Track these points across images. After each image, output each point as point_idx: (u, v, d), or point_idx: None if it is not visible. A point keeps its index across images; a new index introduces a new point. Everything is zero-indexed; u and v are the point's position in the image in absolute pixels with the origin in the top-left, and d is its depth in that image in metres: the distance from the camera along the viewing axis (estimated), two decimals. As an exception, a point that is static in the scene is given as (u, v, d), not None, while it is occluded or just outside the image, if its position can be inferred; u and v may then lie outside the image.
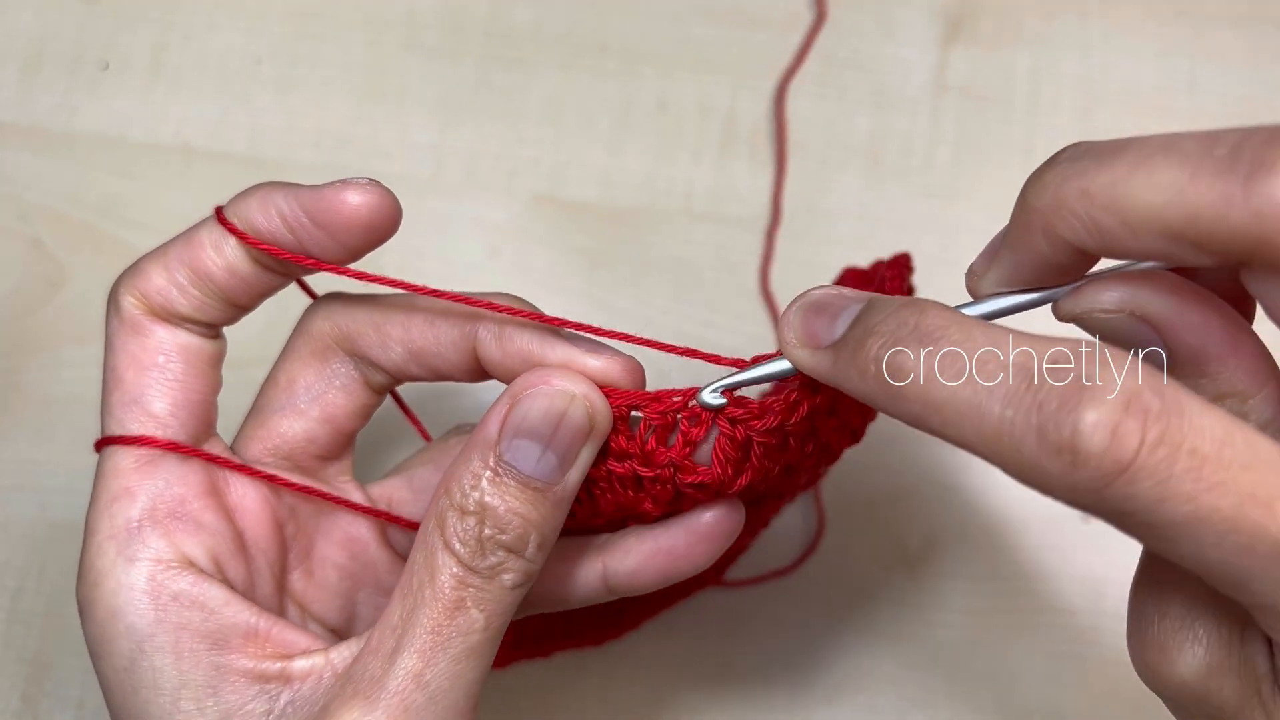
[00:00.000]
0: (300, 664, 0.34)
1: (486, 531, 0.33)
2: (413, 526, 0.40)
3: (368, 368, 0.39)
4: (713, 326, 0.57)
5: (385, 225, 0.35)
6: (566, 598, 0.39)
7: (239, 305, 0.37)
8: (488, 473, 0.33)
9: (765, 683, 0.54)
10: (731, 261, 0.59)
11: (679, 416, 0.35)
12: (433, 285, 0.40)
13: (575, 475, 0.34)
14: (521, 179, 0.60)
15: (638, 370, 0.37)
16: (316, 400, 0.39)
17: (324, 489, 0.40)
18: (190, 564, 0.35)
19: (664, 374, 0.48)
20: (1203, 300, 0.29)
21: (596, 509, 0.37)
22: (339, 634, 0.40)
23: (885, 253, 0.48)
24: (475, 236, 0.59)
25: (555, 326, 0.36)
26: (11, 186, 0.60)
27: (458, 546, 0.33)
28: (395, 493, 0.42)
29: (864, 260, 0.50)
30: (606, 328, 0.36)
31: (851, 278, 0.46)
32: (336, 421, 0.39)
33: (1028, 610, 0.54)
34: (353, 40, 0.62)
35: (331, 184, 0.35)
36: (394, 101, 0.61)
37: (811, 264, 0.58)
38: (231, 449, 0.39)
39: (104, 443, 0.37)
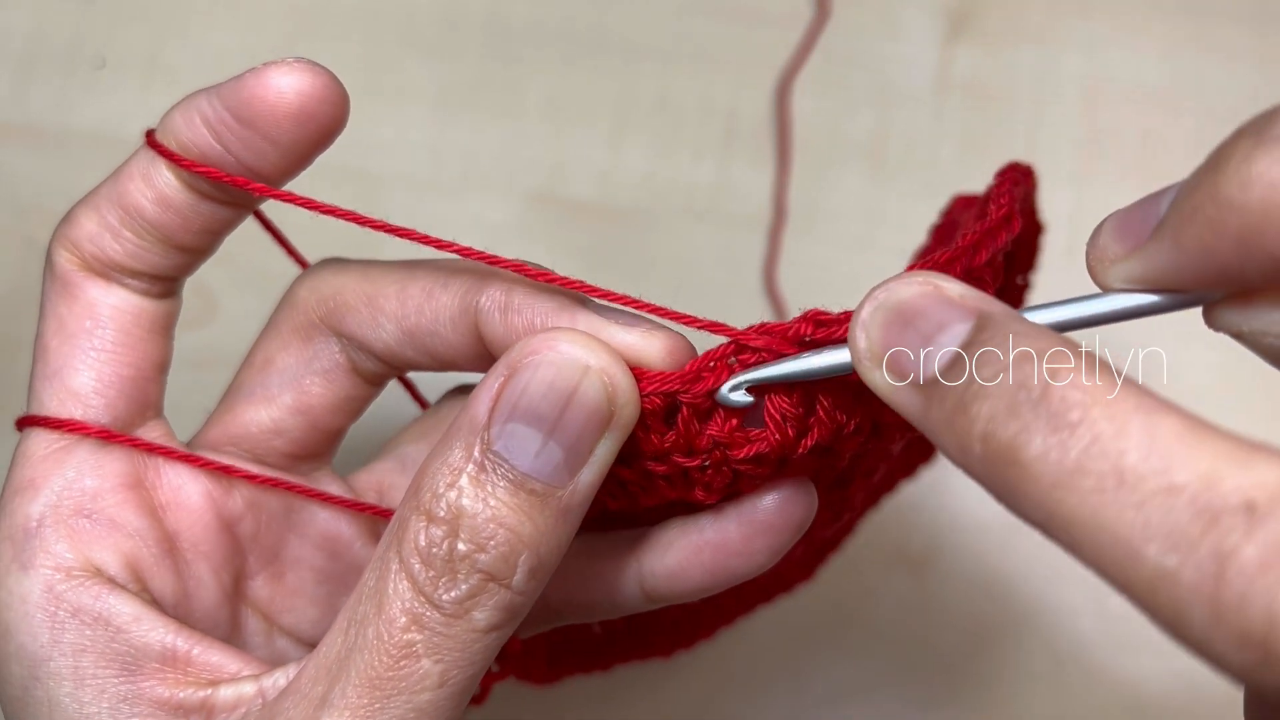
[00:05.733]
0: (225, 693, 0.29)
1: (461, 548, 0.26)
2: None
3: (356, 351, 0.33)
4: (714, 326, 0.57)
5: (323, 113, 0.29)
6: (593, 606, 0.32)
7: (181, 247, 0.31)
8: (470, 467, 0.26)
9: (767, 683, 0.53)
10: (733, 261, 0.58)
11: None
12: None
13: (589, 476, 0.27)
14: (520, 177, 0.59)
15: (685, 350, 0.29)
16: (290, 385, 0.33)
17: (282, 476, 0.33)
18: (97, 572, 0.30)
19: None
20: None
21: (635, 506, 0.30)
22: None
23: (888, 252, 0.47)
24: (473, 236, 0.58)
25: (582, 294, 0.29)
26: (7, 185, 0.60)
27: (417, 567, 0.26)
28: (385, 478, 0.35)
29: (868, 261, 0.49)
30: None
31: (960, 206, 0.40)
32: (312, 413, 0.33)
33: (1030, 612, 0.54)
34: (351, 37, 0.62)
35: (253, 69, 0.29)
36: (392, 99, 0.60)
37: (815, 263, 0.58)
38: (191, 443, 0.34)
39: (22, 423, 0.32)
